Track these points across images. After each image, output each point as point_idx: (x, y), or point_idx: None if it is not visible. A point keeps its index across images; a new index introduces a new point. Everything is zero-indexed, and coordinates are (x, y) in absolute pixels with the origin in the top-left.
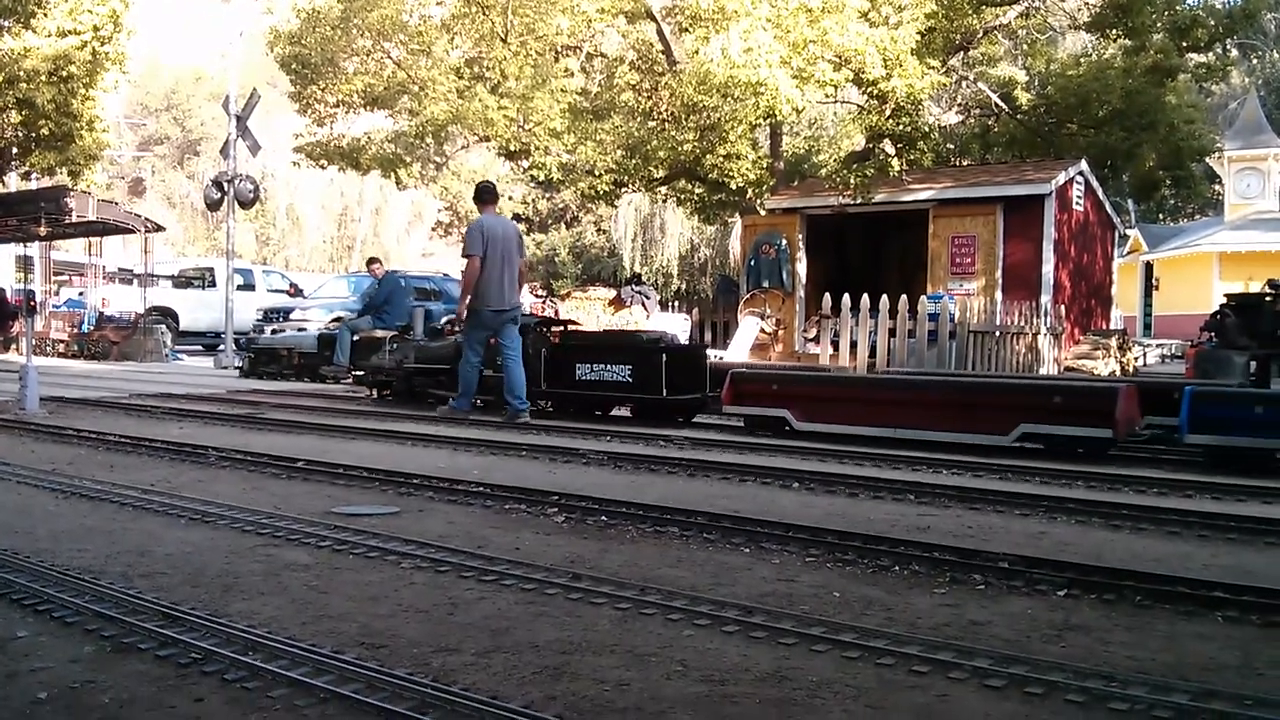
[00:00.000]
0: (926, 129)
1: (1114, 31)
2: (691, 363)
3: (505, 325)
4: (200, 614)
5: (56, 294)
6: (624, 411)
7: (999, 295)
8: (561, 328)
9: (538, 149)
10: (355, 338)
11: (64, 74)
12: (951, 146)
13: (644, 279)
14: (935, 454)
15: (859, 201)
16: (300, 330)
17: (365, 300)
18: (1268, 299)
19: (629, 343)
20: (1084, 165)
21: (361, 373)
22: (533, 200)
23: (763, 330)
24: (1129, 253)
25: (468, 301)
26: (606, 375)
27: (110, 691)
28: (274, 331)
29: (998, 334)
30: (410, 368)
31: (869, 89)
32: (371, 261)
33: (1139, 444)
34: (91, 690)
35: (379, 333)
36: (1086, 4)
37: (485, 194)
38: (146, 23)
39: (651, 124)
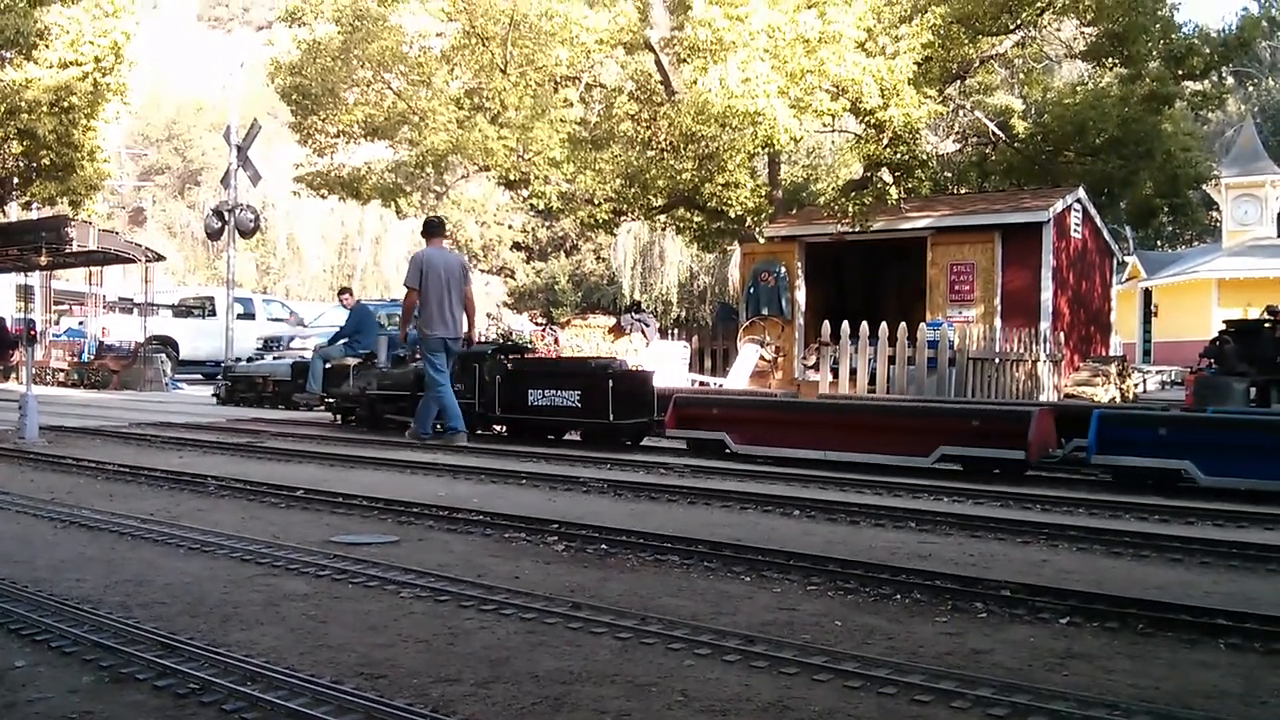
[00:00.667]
0: (924, 157)
1: (1110, 60)
2: (638, 388)
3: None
4: (199, 644)
5: (57, 323)
6: (577, 435)
7: (998, 322)
8: (519, 355)
9: (537, 178)
10: (328, 365)
11: (65, 105)
12: (949, 175)
13: (644, 307)
14: (937, 480)
15: (857, 229)
16: (276, 359)
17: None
18: (1266, 325)
19: (577, 369)
20: (1081, 193)
21: (334, 399)
22: (532, 229)
23: (762, 358)
24: (1127, 280)
25: (417, 331)
26: (557, 400)
27: None
28: (250, 360)
29: (997, 361)
30: (373, 394)
31: (866, 118)
32: (342, 292)
33: (1057, 465)
34: None
35: (350, 361)
36: (1082, 33)
37: (430, 228)
38: (148, 54)
39: (650, 153)
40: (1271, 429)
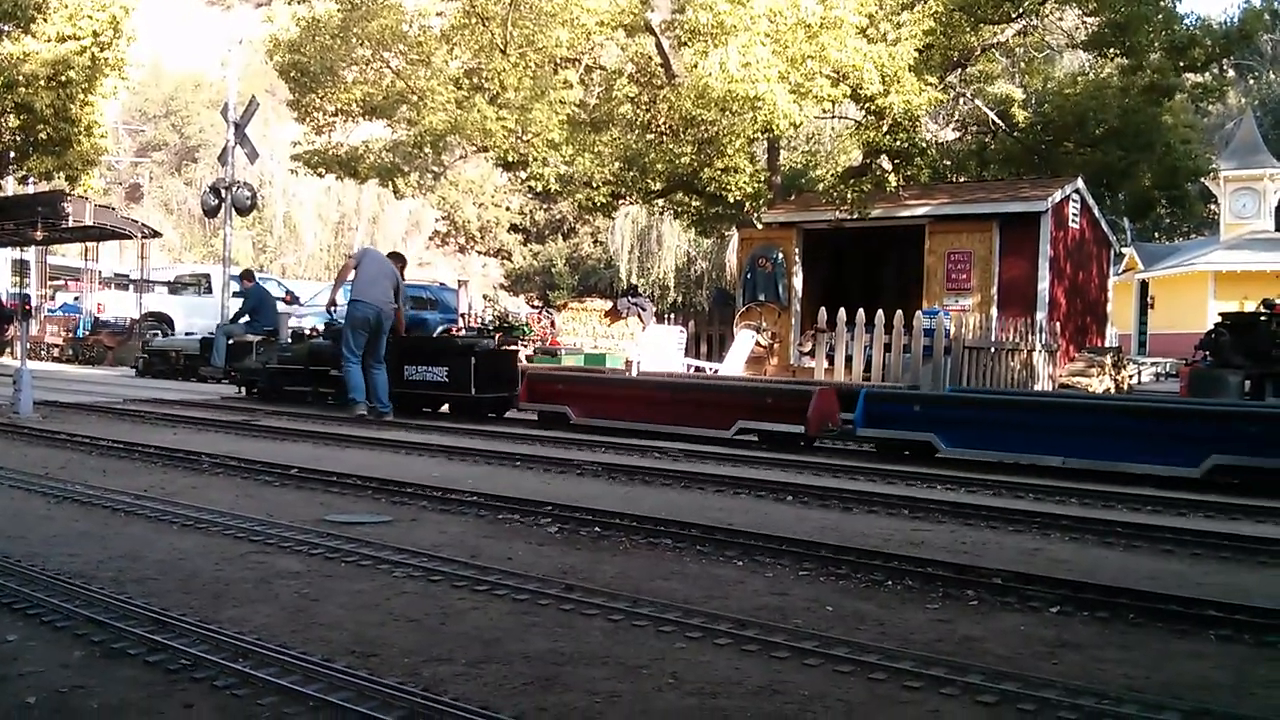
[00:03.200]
0: (923, 145)
1: (1111, 51)
2: (501, 364)
3: (377, 336)
4: (191, 620)
5: (52, 298)
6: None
7: (994, 311)
8: (405, 335)
9: (536, 160)
10: (230, 341)
11: (63, 79)
12: (948, 163)
13: (640, 291)
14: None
15: (856, 216)
16: (187, 335)
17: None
18: (1262, 318)
19: (446, 347)
20: (1080, 183)
21: (238, 373)
22: (530, 211)
23: (758, 343)
24: (1124, 271)
25: (347, 299)
26: (429, 376)
27: (99, 697)
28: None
29: (993, 350)
30: (274, 368)
31: (866, 105)
32: (243, 275)
33: (835, 437)
34: (81, 695)
35: (250, 337)
36: (1084, 23)
37: (391, 254)
38: (147, 29)
39: (649, 137)
40: (996, 407)
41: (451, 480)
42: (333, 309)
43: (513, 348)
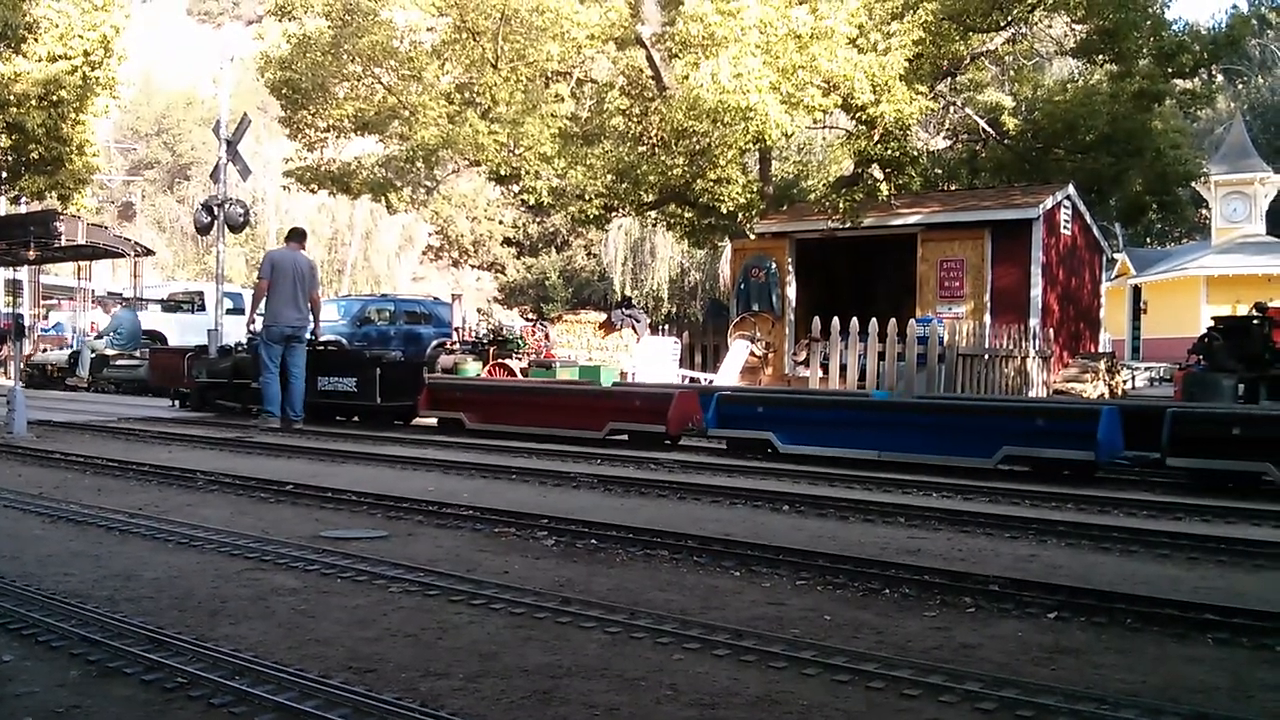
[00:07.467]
0: (915, 154)
1: (1100, 57)
2: (406, 375)
3: (293, 344)
4: (187, 638)
5: (45, 318)
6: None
7: (988, 319)
8: (323, 347)
9: (528, 173)
10: (93, 355)
11: (54, 98)
12: (940, 171)
13: (634, 302)
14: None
15: (848, 225)
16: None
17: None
18: (1255, 322)
19: (354, 359)
20: (1071, 190)
21: (98, 381)
22: (523, 224)
23: (752, 353)
24: (1117, 276)
25: (260, 321)
26: (340, 386)
27: (96, 716)
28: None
29: (987, 357)
30: (204, 382)
31: (857, 114)
32: (110, 304)
33: (694, 436)
34: (77, 715)
35: (109, 351)
36: (1073, 30)
37: (290, 234)
38: (138, 48)
39: (641, 149)
40: (823, 407)
41: (447, 494)
42: (250, 327)
43: (418, 360)
